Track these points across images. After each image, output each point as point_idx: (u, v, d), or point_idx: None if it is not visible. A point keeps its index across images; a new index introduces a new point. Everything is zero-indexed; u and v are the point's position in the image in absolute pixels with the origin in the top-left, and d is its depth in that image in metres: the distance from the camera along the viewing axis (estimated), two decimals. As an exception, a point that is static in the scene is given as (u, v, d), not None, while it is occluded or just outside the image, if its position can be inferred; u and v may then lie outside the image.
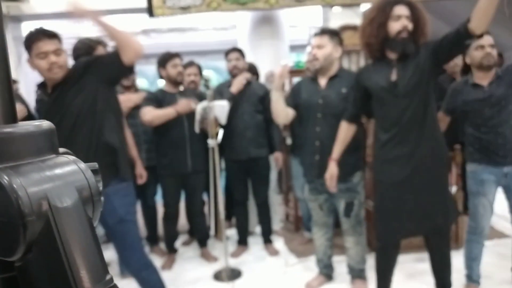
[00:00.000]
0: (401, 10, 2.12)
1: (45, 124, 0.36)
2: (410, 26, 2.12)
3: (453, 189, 3.27)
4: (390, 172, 2.20)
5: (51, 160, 0.35)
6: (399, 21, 2.10)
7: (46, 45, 1.92)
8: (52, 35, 1.95)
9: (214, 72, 7.58)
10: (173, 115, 3.02)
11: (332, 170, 2.44)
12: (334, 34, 2.60)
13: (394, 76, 2.15)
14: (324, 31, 2.60)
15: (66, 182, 0.34)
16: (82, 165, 0.36)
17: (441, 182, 2.28)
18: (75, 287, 0.31)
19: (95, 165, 0.38)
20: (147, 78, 7.15)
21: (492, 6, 1.86)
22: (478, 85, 2.45)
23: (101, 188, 0.37)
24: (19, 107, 2.65)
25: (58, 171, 0.34)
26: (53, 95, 2.04)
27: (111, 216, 2.09)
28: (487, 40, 2.41)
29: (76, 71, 2.04)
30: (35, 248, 0.31)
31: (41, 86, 2.12)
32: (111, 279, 0.33)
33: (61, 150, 0.38)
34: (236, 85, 3.27)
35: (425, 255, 2.42)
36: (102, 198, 0.37)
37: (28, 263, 0.32)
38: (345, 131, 2.42)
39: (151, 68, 5.32)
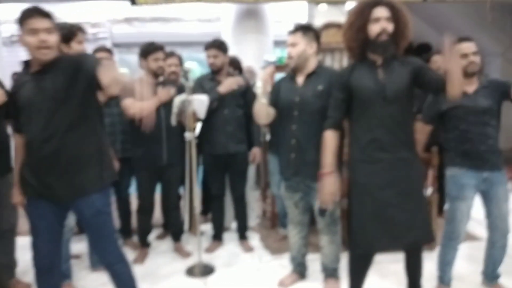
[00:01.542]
0: (380, 12, 2.09)
1: None
2: (390, 27, 2.09)
3: (429, 190, 3.29)
4: (373, 175, 2.12)
5: None
6: (378, 24, 2.08)
7: (38, 23, 1.90)
8: (46, 14, 1.94)
9: (198, 64, 7.50)
10: (157, 105, 2.92)
11: (329, 187, 2.26)
12: (308, 30, 2.55)
13: (381, 79, 2.12)
14: (297, 28, 2.56)
15: None
16: None
17: (421, 195, 2.21)
18: None
19: None
20: (128, 67, 7.03)
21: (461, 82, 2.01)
22: (463, 92, 2.43)
23: None
24: None
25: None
26: (36, 76, 1.98)
27: (89, 207, 2.07)
28: (469, 47, 2.41)
29: (70, 64, 1.99)
30: None
31: (25, 65, 2.05)
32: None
33: None
34: (226, 87, 3.20)
35: (399, 256, 2.41)
36: None
37: None
38: (331, 140, 2.26)
39: (133, 57, 5.21)
